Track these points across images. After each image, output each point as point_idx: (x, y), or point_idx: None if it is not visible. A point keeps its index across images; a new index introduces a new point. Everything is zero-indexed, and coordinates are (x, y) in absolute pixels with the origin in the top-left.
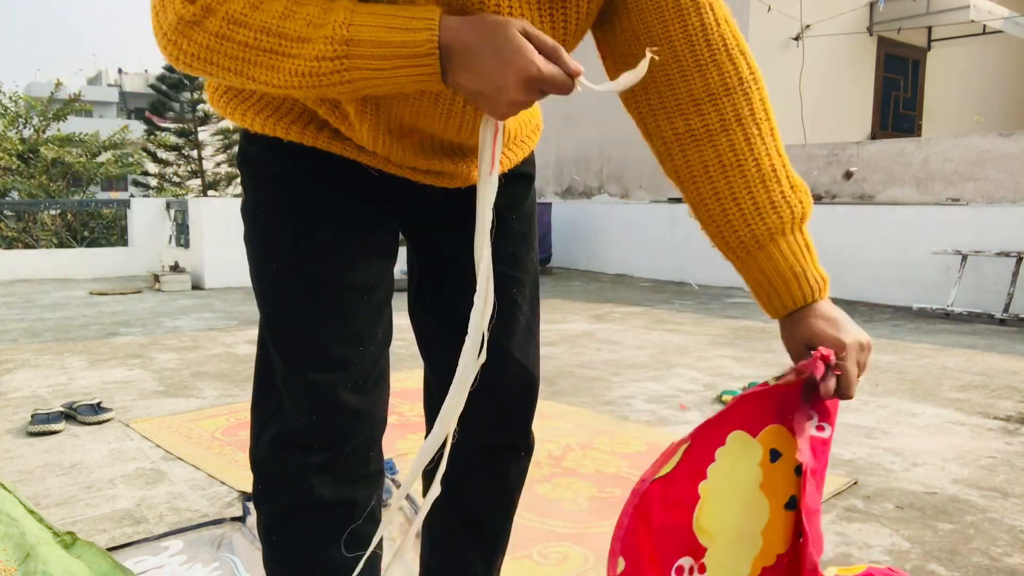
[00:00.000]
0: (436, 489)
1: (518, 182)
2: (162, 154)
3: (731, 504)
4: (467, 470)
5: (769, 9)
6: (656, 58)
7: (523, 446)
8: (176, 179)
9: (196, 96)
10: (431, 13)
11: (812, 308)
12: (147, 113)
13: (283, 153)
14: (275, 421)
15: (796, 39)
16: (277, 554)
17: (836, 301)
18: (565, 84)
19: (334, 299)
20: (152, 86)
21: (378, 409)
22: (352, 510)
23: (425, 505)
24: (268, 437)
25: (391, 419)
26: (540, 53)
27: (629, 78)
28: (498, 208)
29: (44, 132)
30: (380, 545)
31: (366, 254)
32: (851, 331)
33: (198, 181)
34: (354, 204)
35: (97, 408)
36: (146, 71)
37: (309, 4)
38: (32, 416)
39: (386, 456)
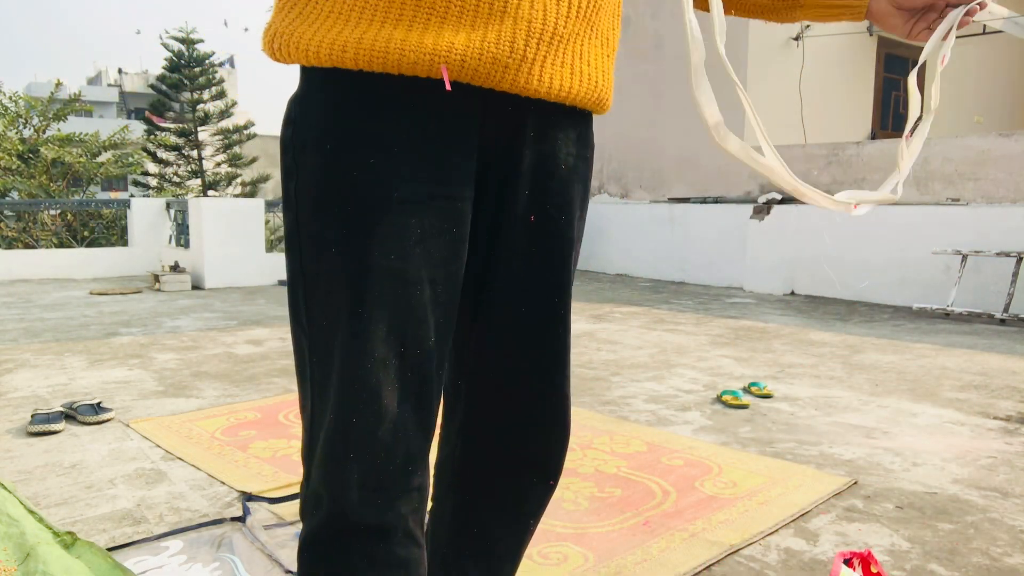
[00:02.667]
0: None
1: (571, 184)
2: (162, 154)
3: None
4: (484, 488)
5: None
6: None
7: (551, 470)
8: (176, 179)
9: (196, 96)
10: None
11: None
12: (147, 113)
13: (340, 109)
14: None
15: (796, 39)
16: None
17: (836, 301)
18: None
19: (394, 292)
20: (152, 86)
21: (411, 422)
22: (390, 531)
23: None
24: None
25: None
26: None
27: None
28: (555, 205)
29: (44, 132)
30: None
31: (431, 236)
32: None
33: (198, 181)
34: (424, 173)
35: (97, 408)
36: (146, 71)
37: None
38: (32, 416)
39: None
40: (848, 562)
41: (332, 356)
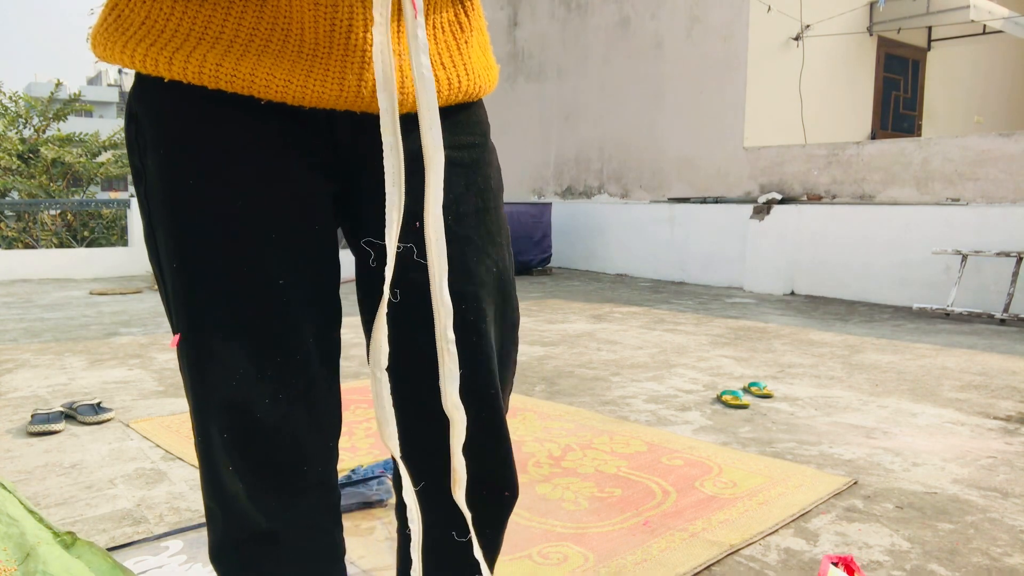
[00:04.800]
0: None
1: (455, 177)
2: None
3: None
4: (439, 508)
5: (769, 9)
6: None
7: (503, 483)
8: None
9: None
10: None
11: None
12: None
13: (175, 114)
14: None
15: (796, 39)
16: None
17: (836, 301)
18: None
19: (245, 298)
20: None
21: (302, 424)
22: (290, 529)
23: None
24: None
25: None
26: None
27: None
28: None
29: (44, 132)
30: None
31: (286, 239)
32: None
33: None
34: (267, 176)
35: (97, 408)
36: None
37: None
38: (32, 416)
39: (384, 456)
40: (836, 564)
41: (195, 375)
